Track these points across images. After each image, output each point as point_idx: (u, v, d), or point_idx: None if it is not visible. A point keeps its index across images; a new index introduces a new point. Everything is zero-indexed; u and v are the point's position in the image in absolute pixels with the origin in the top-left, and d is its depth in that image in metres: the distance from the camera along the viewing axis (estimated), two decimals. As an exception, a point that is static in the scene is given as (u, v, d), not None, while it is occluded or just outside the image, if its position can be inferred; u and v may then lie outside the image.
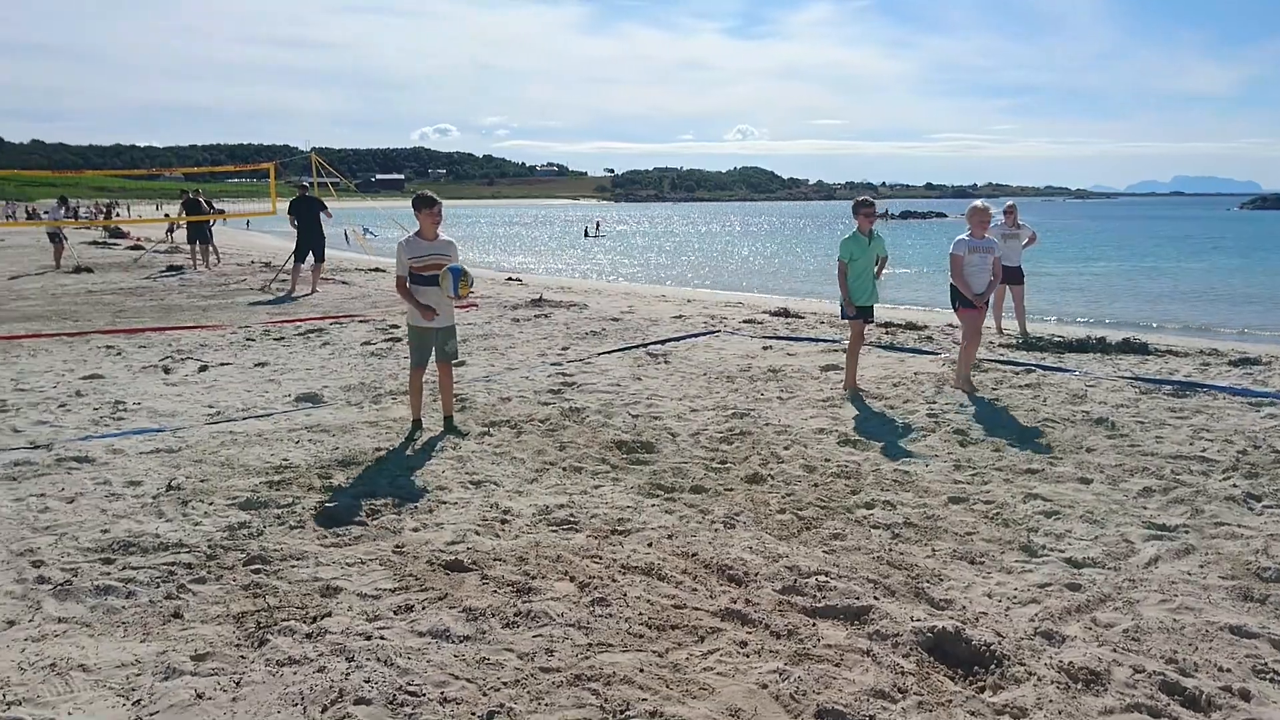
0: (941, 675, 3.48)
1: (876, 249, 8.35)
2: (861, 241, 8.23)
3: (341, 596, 4.08)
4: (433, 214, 6.79)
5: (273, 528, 4.94)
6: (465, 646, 3.63)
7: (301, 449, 6.45)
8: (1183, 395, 7.96)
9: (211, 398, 8.13)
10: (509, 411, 7.51)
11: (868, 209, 8.26)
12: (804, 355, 10.04)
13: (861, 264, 8.25)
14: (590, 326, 12.27)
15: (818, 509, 5.30)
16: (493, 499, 5.44)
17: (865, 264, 8.26)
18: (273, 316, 13.53)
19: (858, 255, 8.23)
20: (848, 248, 8.22)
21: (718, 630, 3.78)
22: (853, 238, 8.22)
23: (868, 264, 8.28)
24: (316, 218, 17.08)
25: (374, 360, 9.88)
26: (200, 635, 3.72)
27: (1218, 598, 4.10)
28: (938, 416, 7.28)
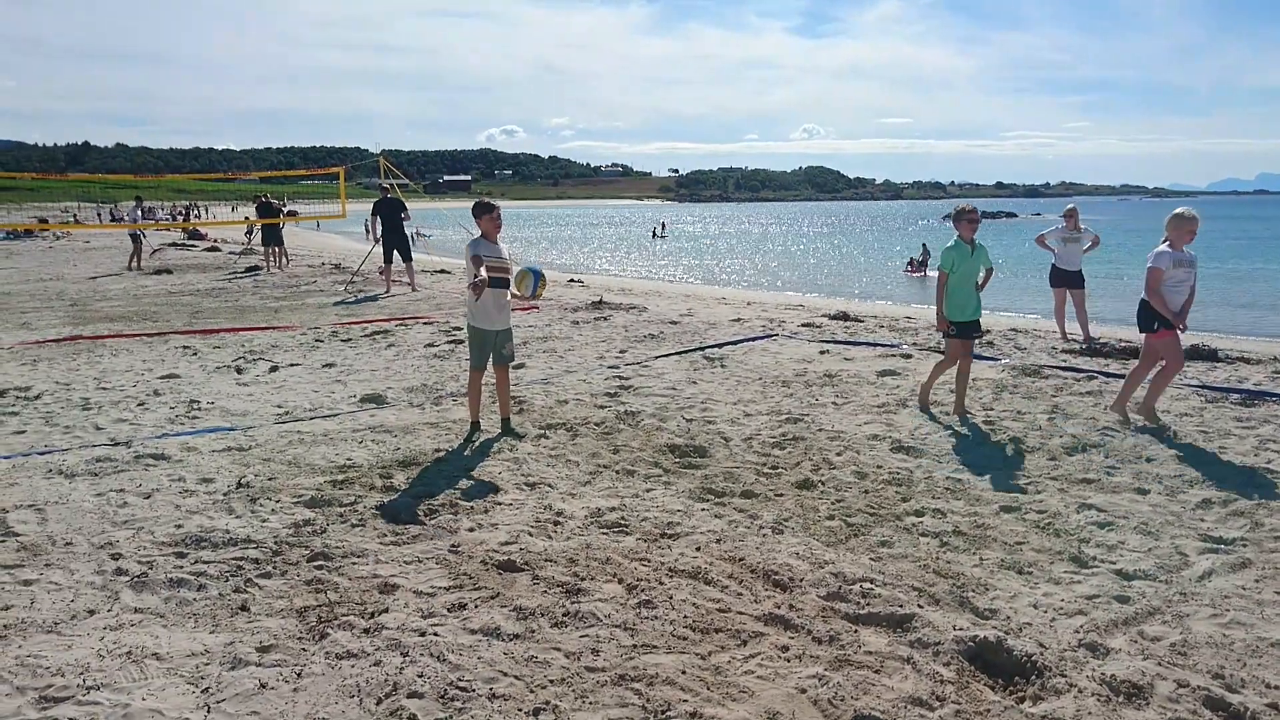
0: (981, 684, 3.50)
1: (981, 260, 7.75)
2: (964, 251, 7.62)
3: (398, 593, 4.25)
4: (493, 219, 6.97)
5: (335, 525, 5.14)
6: (515, 645, 3.76)
7: (365, 449, 6.66)
8: (1251, 404, 7.78)
9: (281, 398, 8.42)
10: (565, 414, 7.65)
11: (971, 216, 7.71)
12: (861, 360, 10.01)
13: (963, 276, 7.62)
14: (648, 329, 12.38)
15: (867, 516, 5.33)
16: (546, 501, 5.57)
17: (967, 276, 7.65)
18: (340, 318, 13.90)
19: (959, 266, 7.62)
20: (949, 257, 7.64)
21: (760, 634, 3.85)
22: (955, 246, 7.64)
23: (970, 276, 7.67)
24: (399, 219, 17.59)
25: (436, 362, 10.12)
26: (265, 628, 3.90)
27: (1271, 613, 4.05)
28: (994, 424, 7.23)
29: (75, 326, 13.27)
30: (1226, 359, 10.05)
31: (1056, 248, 12.03)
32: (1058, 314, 12.21)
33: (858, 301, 22.25)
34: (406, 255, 17.82)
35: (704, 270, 36.16)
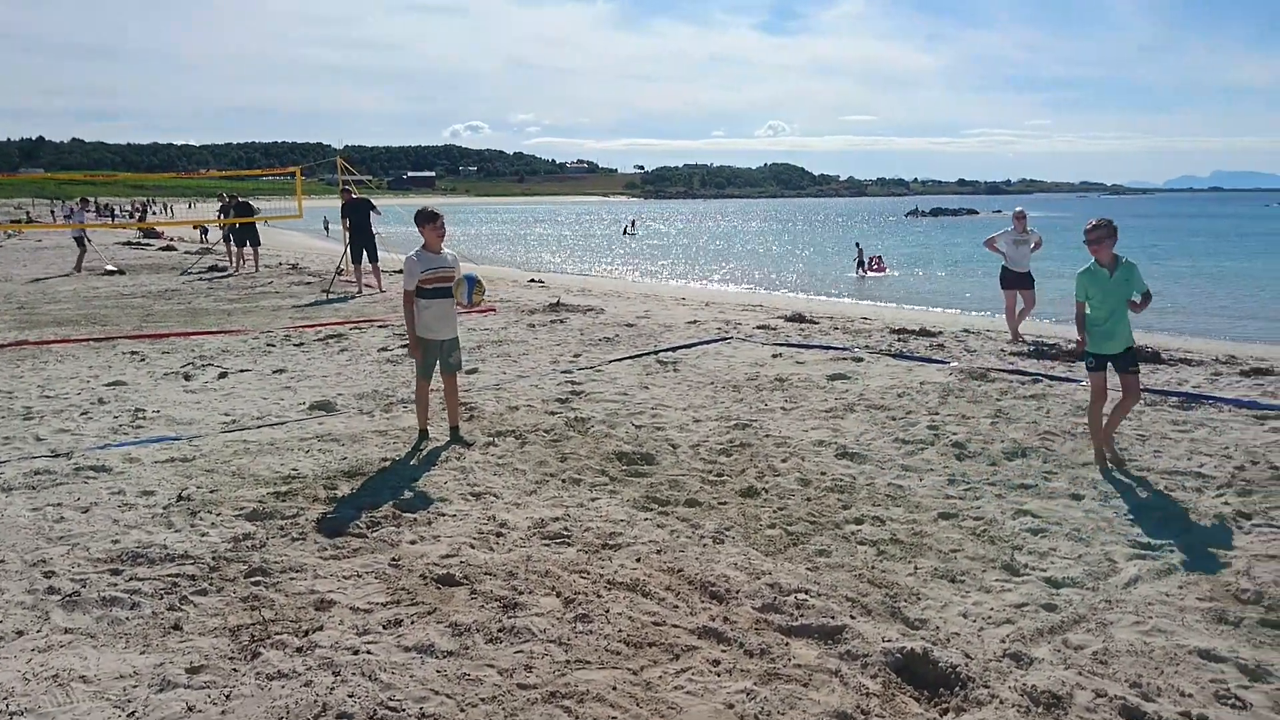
0: (907, 696, 3.57)
1: (1122, 288, 6.31)
2: (1100, 277, 6.36)
3: (334, 610, 4.24)
4: (436, 228, 6.94)
5: (276, 539, 5.11)
6: (448, 662, 3.77)
7: (311, 458, 6.63)
8: (1188, 407, 7.95)
9: (229, 405, 8.34)
10: (515, 421, 7.65)
11: (1093, 234, 6.35)
12: (812, 364, 10.10)
13: (1101, 306, 6.36)
14: (604, 333, 12.39)
15: (807, 524, 5.39)
16: (490, 511, 5.57)
17: (1107, 306, 6.34)
18: (294, 321, 13.79)
19: (1093, 294, 6.39)
20: (1082, 285, 6.45)
21: (693, 648, 3.89)
22: (1087, 272, 6.42)
23: (1112, 306, 6.33)
24: (368, 218, 17.61)
25: (389, 367, 10.07)
26: (197, 647, 3.88)
27: (1192, 620, 4.15)
28: (938, 429, 7.33)
29: (21, 331, 13.06)
30: (1169, 360, 10.25)
31: (1006, 250, 12.26)
32: (1009, 315, 12.41)
33: (819, 299, 22.45)
34: (374, 255, 17.78)
35: (671, 269, 36.26)
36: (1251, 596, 4.34)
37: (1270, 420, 7.43)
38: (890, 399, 8.36)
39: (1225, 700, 3.49)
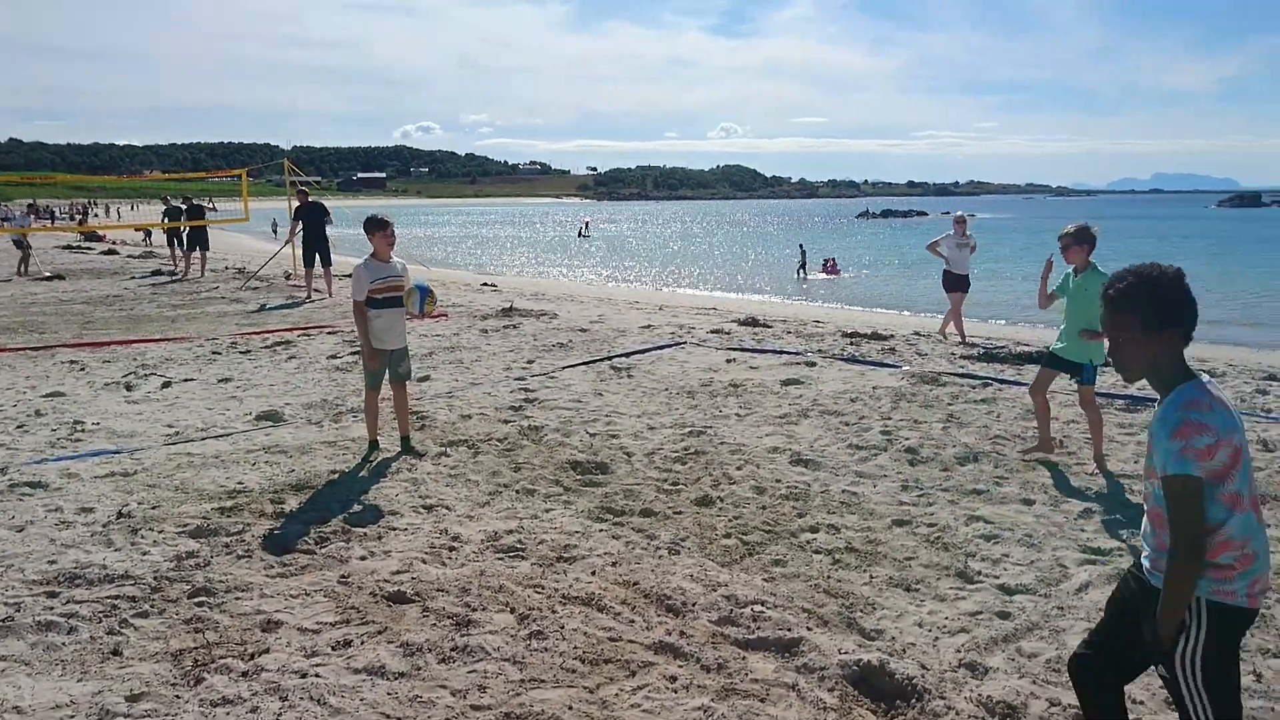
0: (864, 709, 3.56)
1: (1080, 295, 6.40)
2: (1066, 280, 6.62)
3: (282, 631, 4.12)
4: (386, 235, 6.83)
5: (220, 557, 4.97)
6: (399, 683, 3.68)
7: (257, 471, 6.48)
8: (1134, 409, 8.09)
9: (172, 416, 8.13)
10: (468, 430, 7.55)
11: (1064, 241, 6.53)
12: (766, 369, 10.12)
13: (1065, 308, 6.62)
14: (558, 338, 12.32)
15: (763, 533, 5.38)
16: (443, 524, 5.48)
17: (1069, 309, 6.56)
18: (241, 328, 13.52)
19: (1062, 294, 6.66)
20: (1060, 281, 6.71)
21: (649, 664, 3.84)
22: (1066, 274, 6.64)
23: (1072, 311, 6.51)
24: (321, 223, 17.40)
25: (338, 375, 9.90)
26: (137, 674, 3.75)
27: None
28: (891, 434, 7.37)
29: (-45, 339, 12.64)
30: (1114, 363, 10.43)
31: (948, 254, 12.66)
32: (956, 318, 12.66)
33: (773, 301, 22.57)
34: (327, 260, 17.55)
35: (624, 271, 36.23)
36: (1198, 600, 4.40)
37: (1213, 422, 7.58)
38: (843, 404, 8.40)
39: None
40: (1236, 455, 2.39)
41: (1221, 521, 2.40)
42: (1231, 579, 2.43)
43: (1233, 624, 2.47)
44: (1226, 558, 2.41)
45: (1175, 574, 2.40)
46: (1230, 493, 2.40)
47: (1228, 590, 2.43)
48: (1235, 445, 2.39)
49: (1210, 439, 2.35)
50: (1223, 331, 17.38)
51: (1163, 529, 2.49)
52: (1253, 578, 2.45)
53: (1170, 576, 2.42)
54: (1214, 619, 2.43)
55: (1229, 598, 2.43)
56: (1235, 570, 2.42)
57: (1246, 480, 2.42)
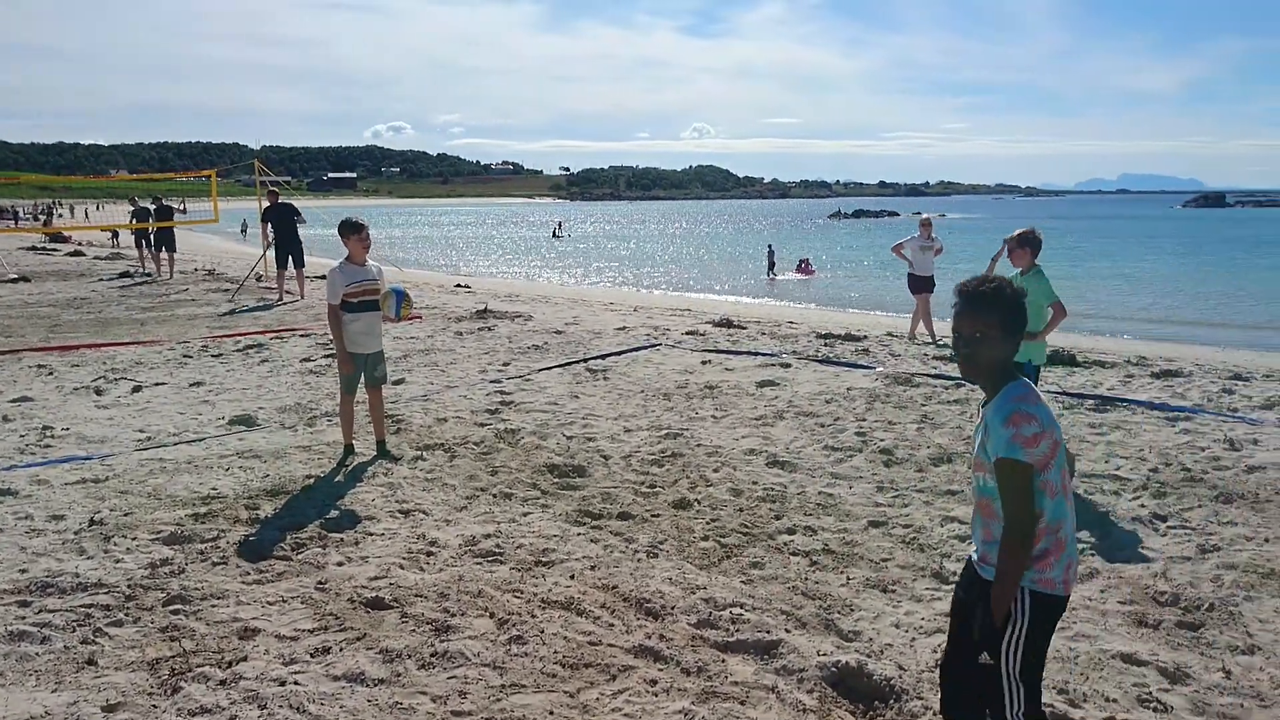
0: (843, 711, 3.59)
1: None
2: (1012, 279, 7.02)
3: (259, 639, 4.10)
4: (362, 239, 6.79)
5: (195, 564, 4.93)
6: (379, 690, 3.68)
7: (231, 477, 6.42)
8: (1103, 410, 8.20)
9: (143, 421, 8.05)
10: (444, 434, 7.53)
11: (1009, 244, 6.85)
12: (741, 370, 10.16)
13: None
14: (533, 340, 12.30)
15: (740, 535, 5.40)
16: (420, 529, 5.47)
17: None
18: (212, 330, 13.39)
19: None
20: None
21: (630, 668, 3.86)
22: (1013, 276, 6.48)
23: None
24: (293, 223, 17.29)
25: (312, 378, 9.84)
26: (113, 683, 3.71)
27: (1114, 624, 4.26)
28: (866, 435, 7.43)
29: (-82, 343, 12.42)
30: (1084, 363, 10.56)
31: (912, 256, 12.92)
32: (926, 318, 12.86)
33: (746, 302, 22.64)
34: (299, 261, 17.42)
35: (599, 272, 36.21)
36: (1169, 599, 4.48)
37: (1180, 422, 7.71)
38: (819, 405, 8.45)
39: (1147, 704, 3.59)
40: (1055, 447, 2.59)
41: (1040, 509, 2.58)
42: (1050, 567, 2.61)
43: (1052, 612, 2.66)
44: (1044, 544, 2.59)
45: (1008, 556, 2.58)
46: (1047, 480, 2.59)
47: (1048, 579, 2.61)
48: (1055, 439, 2.60)
49: (1037, 429, 2.56)
50: (1191, 331, 17.66)
51: (990, 519, 2.68)
52: (1066, 564, 2.64)
53: (1003, 558, 2.59)
54: (1037, 608, 2.61)
55: (1049, 586, 2.61)
56: (1052, 557, 2.60)
57: (1059, 471, 2.61)
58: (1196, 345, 14.71)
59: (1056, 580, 2.62)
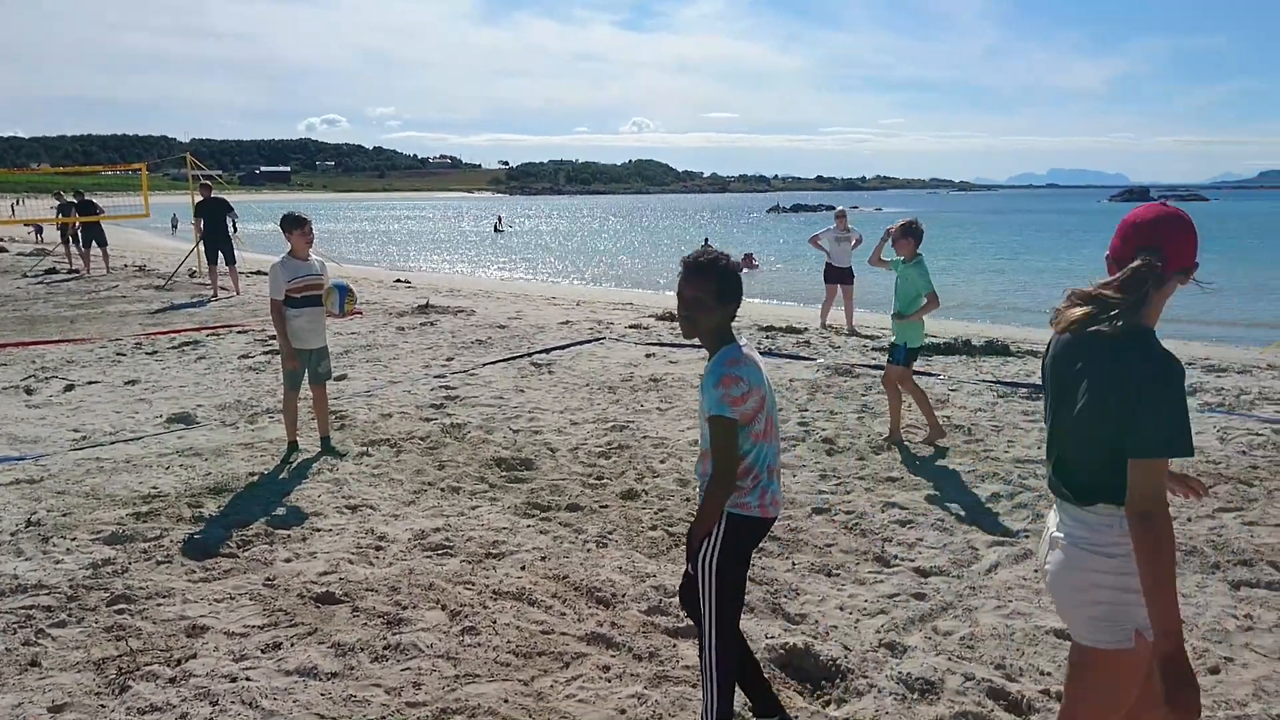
0: (791, 691, 3.69)
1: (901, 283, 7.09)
2: (896, 264, 7.20)
3: (208, 636, 4.07)
4: (305, 233, 6.72)
5: (139, 563, 4.86)
6: (333, 684, 3.68)
7: (172, 475, 6.33)
8: (1035, 398, 8.45)
9: (77, 420, 7.87)
10: (389, 429, 7.49)
11: (896, 232, 7.12)
12: (685, 363, 10.27)
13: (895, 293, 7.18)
14: (476, 335, 12.26)
15: (688, 524, 5.48)
16: (368, 524, 5.45)
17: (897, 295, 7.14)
18: (146, 327, 13.10)
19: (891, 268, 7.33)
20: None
21: (583, 655, 3.92)
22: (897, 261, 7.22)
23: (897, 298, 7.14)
24: (223, 220, 16.96)
25: (251, 375, 9.70)
26: (59, 684, 3.67)
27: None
28: (808, 425, 7.57)
29: None
30: (1017, 353, 10.86)
31: (828, 247, 13.28)
32: (825, 307, 13.40)
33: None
34: (230, 258, 17.09)
35: (541, 266, 36.09)
36: (1098, 577, 4.67)
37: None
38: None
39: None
40: (761, 403, 2.97)
41: (747, 452, 2.97)
42: (746, 494, 3.01)
43: (746, 531, 3.06)
44: (744, 480, 2.99)
45: (711, 494, 2.98)
46: (755, 431, 2.98)
47: (744, 503, 3.02)
48: (761, 395, 2.97)
49: (744, 388, 2.91)
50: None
51: (707, 460, 3.06)
52: (761, 493, 3.03)
53: (707, 495, 3.00)
54: (731, 526, 3.02)
55: (745, 510, 3.02)
56: (749, 489, 3.01)
57: (764, 420, 2.99)
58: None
59: (752, 505, 3.02)
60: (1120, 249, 2.37)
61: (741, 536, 3.05)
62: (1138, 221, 2.35)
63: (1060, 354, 2.45)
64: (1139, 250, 2.31)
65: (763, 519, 3.08)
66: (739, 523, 3.02)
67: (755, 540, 3.14)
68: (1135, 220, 2.35)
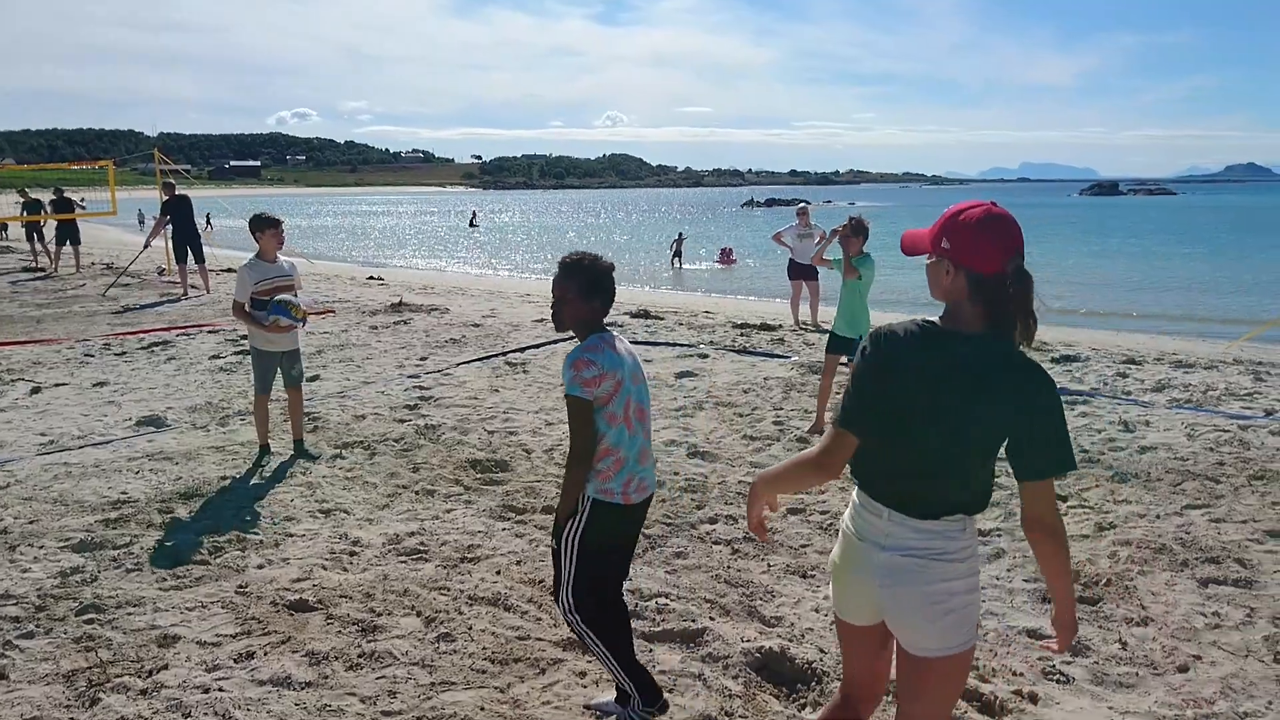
0: (767, 695, 3.71)
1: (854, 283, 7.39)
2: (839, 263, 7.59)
3: (180, 645, 4.03)
4: (277, 234, 6.64)
5: (108, 571, 4.81)
6: (307, 693, 3.66)
7: (142, 480, 6.26)
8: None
9: (45, 424, 7.76)
10: (363, 431, 7.45)
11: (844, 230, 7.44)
12: (660, 361, 10.27)
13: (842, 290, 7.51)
14: (450, 334, 12.21)
15: (664, 526, 5.50)
16: (342, 529, 5.42)
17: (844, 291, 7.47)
18: (114, 328, 12.94)
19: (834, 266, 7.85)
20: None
21: (559, 661, 3.92)
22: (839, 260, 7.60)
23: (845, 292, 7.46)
24: (190, 217, 16.82)
25: (222, 376, 9.60)
26: (27, 697, 3.62)
27: (1019, 601, 4.48)
28: (783, 424, 7.60)
29: None
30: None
31: (791, 244, 13.38)
32: (793, 303, 13.52)
33: (662, 292, 22.77)
34: (200, 256, 16.91)
35: (517, 263, 35.96)
36: (1069, 575, 4.71)
37: (1078, 405, 8.08)
38: (736, 395, 8.61)
39: (1051, 676, 3.80)
40: (618, 386, 3.17)
41: (604, 433, 3.16)
42: (609, 480, 3.18)
43: (609, 516, 3.22)
44: (605, 463, 3.17)
45: (569, 474, 3.19)
46: (610, 413, 3.16)
47: (607, 489, 3.20)
48: (618, 379, 3.17)
49: (597, 371, 3.12)
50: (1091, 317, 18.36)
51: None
52: (625, 479, 3.21)
53: (566, 475, 3.21)
54: (594, 511, 3.21)
55: (608, 495, 3.20)
56: (611, 472, 3.18)
57: (623, 405, 3.18)
58: (1094, 330, 15.35)
59: (615, 491, 3.20)
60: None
61: (605, 521, 3.23)
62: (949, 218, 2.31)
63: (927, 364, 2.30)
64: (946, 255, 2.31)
65: (625, 505, 3.23)
66: (602, 508, 3.21)
67: (621, 527, 3.30)
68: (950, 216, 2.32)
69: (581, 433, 3.14)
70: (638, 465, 3.25)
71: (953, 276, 2.28)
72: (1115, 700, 3.64)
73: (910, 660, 2.39)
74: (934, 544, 2.31)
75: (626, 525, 3.33)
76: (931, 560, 2.30)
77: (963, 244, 2.26)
